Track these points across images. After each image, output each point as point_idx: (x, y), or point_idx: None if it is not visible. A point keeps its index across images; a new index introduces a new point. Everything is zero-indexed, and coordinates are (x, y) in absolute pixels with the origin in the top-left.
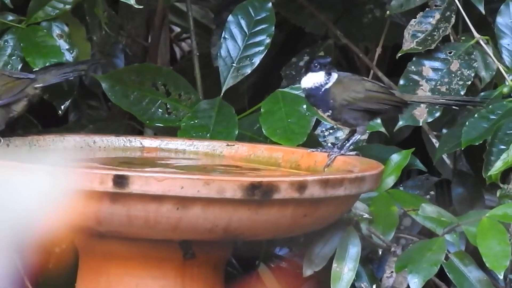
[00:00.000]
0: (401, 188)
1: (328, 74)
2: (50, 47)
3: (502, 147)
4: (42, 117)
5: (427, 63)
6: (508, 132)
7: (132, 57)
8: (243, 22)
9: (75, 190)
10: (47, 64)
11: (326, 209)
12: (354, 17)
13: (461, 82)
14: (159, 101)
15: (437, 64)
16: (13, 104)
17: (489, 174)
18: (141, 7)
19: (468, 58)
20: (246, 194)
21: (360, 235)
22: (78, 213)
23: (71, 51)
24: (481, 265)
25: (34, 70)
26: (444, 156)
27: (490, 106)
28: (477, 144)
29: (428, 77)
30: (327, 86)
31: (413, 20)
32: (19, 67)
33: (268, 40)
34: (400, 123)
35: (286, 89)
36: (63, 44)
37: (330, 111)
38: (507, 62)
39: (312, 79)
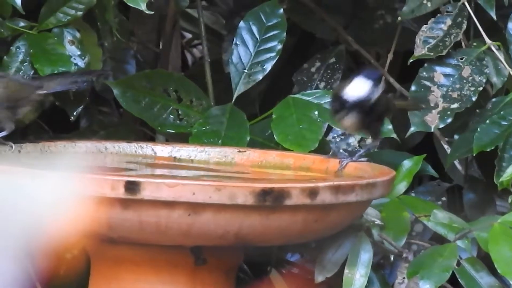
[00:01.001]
0: (413, 194)
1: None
2: (59, 55)
3: None
4: (53, 123)
5: (439, 69)
6: None
7: (143, 63)
8: (254, 28)
9: (86, 196)
10: (55, 72)
11: (338, 215)
12: (365, 22)
13: (472, 88)
14: (171, 107)
15: (448, 70)
16: (19, 108)
17: (500, 180)
18: (152, 12)
19: (479, 64)
20: (258, 200)
21: (372, 241)
22: (90, 219)
23: (83, 57)
24: (492, 271)
25: (38, 76)
26: (456, 162)
27: (501, 112)
28: (488, 150)
29: (439, 83)
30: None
31: (425, 26)
32: (31, 74)
33: (279, 46)
34: (412, 129)
35: (297, 95)
36: (74, 50)
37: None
38: None
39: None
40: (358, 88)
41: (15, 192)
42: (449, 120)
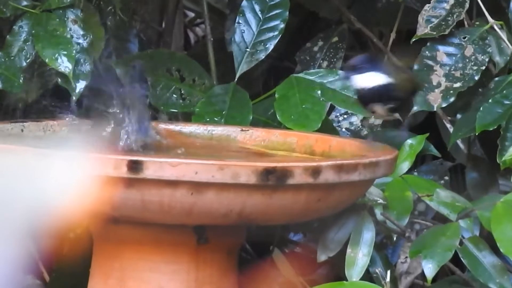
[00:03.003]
0: (415, 174)
1: None
2: (61, 38)
3: None
4: (57, 102)
5: (441, 48)
6: None
7: (146, 42)
8: (257, 7)
9: (89, 175)
10: (56, 55)
11: (340, 194)
12: (368, 1)
13: (475, 67)
14: (173, 87)
15: (451, 49)
16: None
17: (503, 159)
18: None
19: (482, 43)
20: (260, 179)
21: (375, 221)
22: (93, 198)
23: (85, 37)
24: (495, 250)
25: None
26: (459, 141)
27: (504, 91)
28: (491, 129)
29: (442, 62)
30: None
31: (427, 5)
32: (34, 53)
33: (282, 25)
34: (415, 108)
35: (300, 74)
36: (77, 30)
37: None
38: None
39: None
40: (373, 80)
41: (17, 171)
42: (452, 99)
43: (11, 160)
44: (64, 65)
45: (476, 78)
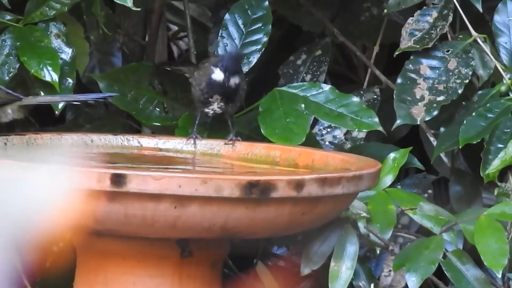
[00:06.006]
0: (399, 187)
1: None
2: (45, 48)
3: (500, 145)
4: (40, 116)
5: (425, 62)
6: (505, 130)
7: (130, 55)
8: (240, 21)
9: (72, 188)
10: (41, 65)
11: (324, 207)
12: (351, 15)
13: (458, 81)
14: (156, 100)
15: (434, 63)
16: None
17: (487, 172)
18: (139, 9)
19: (465, 57)
20: (244, 192)
21: (358, 234)
22: (76, 211)
23: (68, 51)
24: (479, 263)
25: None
26: (442, 155)
27: (488, 105)
28: (475, 142)
29: (425, 76)
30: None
31: (411, 18)
32: (17, 67)
33: (265, 39)
34: (398, 121)
35: (283, 88)
36: (60, 44)
37: None
38: (505, 61)
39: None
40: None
41: (1, 185)
42: (435, 113)
43: None
44: (50, 75)
45: (460, 91)
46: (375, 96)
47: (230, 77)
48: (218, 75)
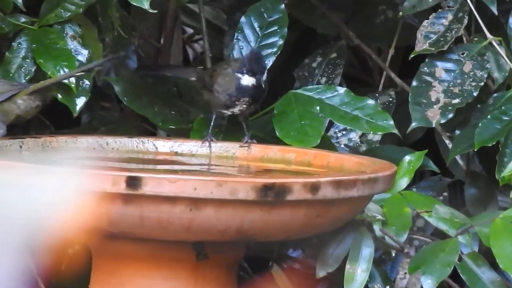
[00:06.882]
0: (414, 189)
1: None
2: (61, 50)
3: None
4: (55, 119)
5: (440, 64)
6: None
7: (145, 58)
8: (255, 24)
9: (87, 191)
10: (58, 67)
11: (339, 210)
12: (367, 18)
13: (474, 83)
14: (171, 103)
15: (449, 65)
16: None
17: (502, 175)
18: (156, 11)
19: (480, 59)
20: (259, 195)
21: (373, 236)
22: (91, 214)
23: (84, 53)
24: (494, 266)
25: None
26: (457, 157)
27: (503, 107)
28: (490, 145)
29: (440, 78)
30: None
31: (426, 21)
32: (33, 69)
33: (281, 42)
34: (413, 124)
35: (299, 90)
36: (75, 46)
37: None
38: None
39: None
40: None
41: (16, 187)
42: (451, 115)
43: (10, 176)
44: None
45: (475, 94)
46: (390, 99)
47: (260, 79)
48: (247, 79)
